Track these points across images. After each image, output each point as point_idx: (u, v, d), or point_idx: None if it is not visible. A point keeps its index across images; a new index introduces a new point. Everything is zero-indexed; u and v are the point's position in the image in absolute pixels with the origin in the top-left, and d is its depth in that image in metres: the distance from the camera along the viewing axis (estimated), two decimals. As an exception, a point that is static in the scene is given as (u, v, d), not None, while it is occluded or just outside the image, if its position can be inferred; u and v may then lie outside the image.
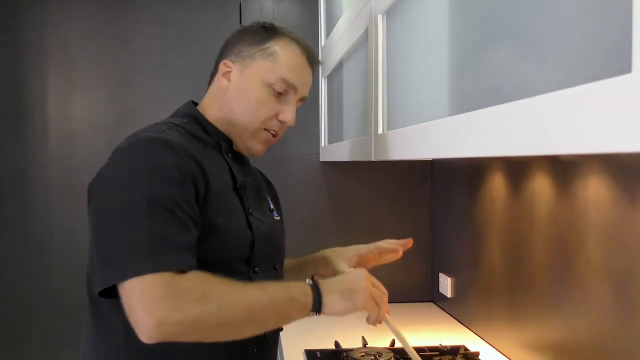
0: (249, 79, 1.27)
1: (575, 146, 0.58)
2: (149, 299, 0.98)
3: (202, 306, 1.00)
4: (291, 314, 1.11)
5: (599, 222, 1.31)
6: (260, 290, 1.07)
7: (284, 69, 1.27)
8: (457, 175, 2.27)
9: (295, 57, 1.29)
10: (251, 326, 1.07)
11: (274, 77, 1.26)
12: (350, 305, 1.15)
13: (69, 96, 2.52)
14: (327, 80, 2.45)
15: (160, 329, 0.98)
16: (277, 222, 1.39)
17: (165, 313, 0.98)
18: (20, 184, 2.49)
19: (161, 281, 0.99)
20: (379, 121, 1.47)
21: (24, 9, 2.48)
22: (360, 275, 1.20)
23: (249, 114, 1.27)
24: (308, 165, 2.58)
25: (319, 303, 1.12)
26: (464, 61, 0.97)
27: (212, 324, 1.02)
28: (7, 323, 2.49)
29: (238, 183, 1.24)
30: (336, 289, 1.15)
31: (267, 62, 1.27)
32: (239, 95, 1.28)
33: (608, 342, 1.28)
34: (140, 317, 0.98)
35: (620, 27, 0.54)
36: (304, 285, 1.13)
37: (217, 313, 1.02)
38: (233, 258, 1.19)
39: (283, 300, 1.09)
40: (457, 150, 0.92)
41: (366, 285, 1.18)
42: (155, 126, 1.21)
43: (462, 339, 1.96)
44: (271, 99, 1.27)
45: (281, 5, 2.58)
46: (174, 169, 1.08)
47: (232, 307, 1.03)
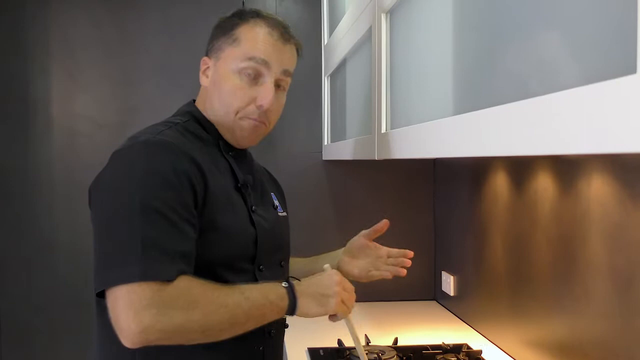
0: (221, 70, 1.25)
1: (579, 146, 0.58)
2: (135, 306, 1.00)
3: (187, 314, 1.03)
4: (268, 316, 1.14)
5: (601, 221, 1.31)
6: (241, 296, 1.09)
7: (248, 49, 1.23)
8: (460, 174, 2.27)
9: (260, 33, 1.24)
10: (231, 329, 1.10)
11: (241, 59, 1.23)
12: (322, 310, 1.19)
13: (72, 95, 2.52)
14: (330, 79, 2.45)
15: (143, 335, 1.00)
16: (282, 218, 1.39)
17: (151, 321, 0.99)
18: (24, 182, 2.50)
19: (148, 289, 1.01)
20: (382, 120, 1.47)
21: (28, 8, 2.48)
22: (333, 280, 1.22)
23: (225, 105, 1.25)
24: (311, 164, 2.59)
25: (294, 306, 1.16)
26: (467, 60, 0.97)
27: (195, 330, 1.04)
28: (11, 321, 2.50)
29: (240, 181, 1.24)
30: (310, 293, 1.18)
31: (234, 48, 1.24)
32: (215, 90, 1.26)
33: (610, 341, 1.29)
34: (124, 323, 1.00)
35: (625, 28, 0.54)
36: (280, 287, 1.16)
37: (201, 320, 1.04)
38: (237, 256, 1.20)
39: (262, 304, 1.12)
40: (460, 149, 0.92)
41: (338, 291, 1.21)
42: (155, 127, 1.21)
43: (465, 337, 1.96)
44: (244, 86, 1.23)
45: (284, 3, 2.58)
46: (169, 171, 1.09)
47: (215, 314, 1.06)
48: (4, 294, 2.49)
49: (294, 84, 1.36)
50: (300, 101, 2.56)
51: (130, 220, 1.05)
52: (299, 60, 1.33)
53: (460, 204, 2.26)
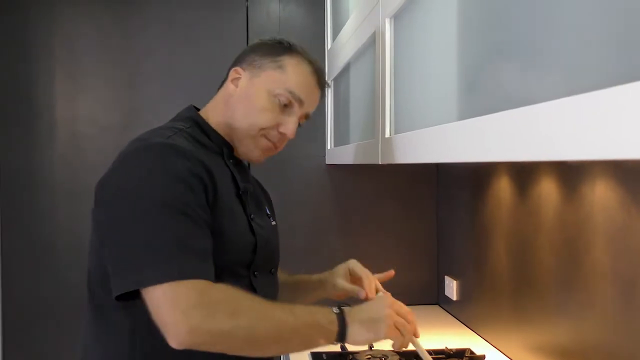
0: (256, 86, 1.28)
1: (583, 152, 0.58)
2: (182, 305, 1.00)
3: (234, 320, 1.03)
4: (316, 339, 1.12)
5: (605, 226, 1.31)
6: (289, 312, 1.09)
7: (291, 82, 1.28)
8: (463, 179, 2.27)
9: (305, 74, 1.31)
10: (276, 345, 1.09)
11: (280, 87, 1.27)
12: (372, 336, 1.16)
13: (75, 97, 2.53)
14: (333, 83, 2.46)
15: (191, 336, 1.00)
16: (274, 227, 1.40)
17: (198, 321, 1.00)
18: (27, 184, 2.50)
19: (193, 289, 1.01)
20: (386, 124, 1.47)
21: (32, 10, 2.49)
22: (384, 303, 1.20)
23: (250, 119, 1.27)
24: (314, 168, 2.59)
25: (344, 333, 1.13)
26: (471, 65, 0.97)
27: (240, 338, 1.04)
28: (13, 322, 2.50)
29: (240, 189, 1.26)
30: (360, 319, 1.15)
31: (276, 73, 1.28)
32: (244, 101, 1.28)
33: (614, 346, 1.28)
34: (171, 322, 1.00)
35: (630, 34, 0.54)
36: (331, 312, 1.14)
37: (247, 329, 1.04)
38: (235, 262, 1.21)
39: (310, 324, 1.11)
40: (464, 155, 0.93)
41: (389, 314, 1.18)
42: (160, 131, 1.21)
43: (468, 342, 1.96)
44: (275, 109, 1.28)
45: (288, 7, 2.59)
46: (186, 174, 1.09)
47: (262, 325, 1.06)
48: (8, 295, 2.49)
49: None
50: (303, 105, 2.56)
51: (157, 218, 1.05)
52: None
53: (463, 209, 2.26)
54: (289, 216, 2.53)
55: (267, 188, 1.53)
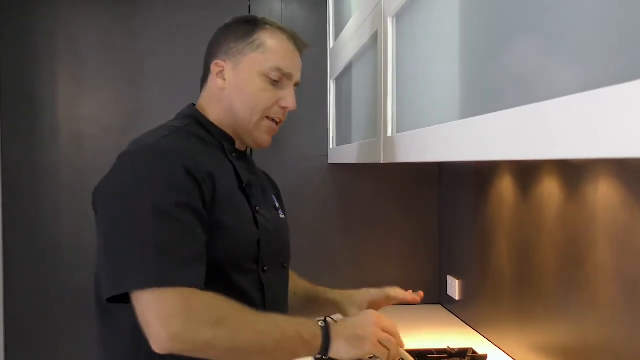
0: (243, 73, 1.28)
1: (586, 151, 0.58)
2: (164, 312, 1.01)
3: (215, 330, 1.03)
4: (298, 351, 1.12)
5: (608, 226, 1.30)
6: (272, 324, 1.10)
7: (276, 58, 1.28)
8: (465, 178, 2.27)
9: (283, 44, 1.30)
10: (258, 356, 1.10)
11: (267, 66, 1.27)
12: (356, 352, 1.15)
13: (78, 97, 2.53)
14: (335, 82, 2.45)
15: (172, 343, 1.01)
16: (283, 220, 1.41)
17: (179, 329, 1.01)
18: (30, 184, 2.50)
19: (177, 296, 1.02)
20: (388, 124, 1.47)
21: (35, 11, 2.50)
22: (369, 320, 1.18)
23: (250, 106, 1.28)
24: (316, 167, 2.59)
25: (327, 348, 1.13)
26: (473, 64, 0.97)
27: (222, 348, 1.05)
28: (17, 323, 2.50)
29: (244, 182, 1.26)
30: (345, 334, 1.15)
31: (258, 54, 1.28)
32: (237, 91, 1.28)
33: (617, 346, 1.28)
34: (153, 329, 1.01)
35: (631, 32, 0.54)
36: (315, 326, 1.14)
37: (229, 339, 1.05)
38: (242, 257, 1.21)
39: (293, 337, 1.11)
40: (466, 153, 0.92)
41: (374, 331, 1.16)
42: (158, 131, 1.22)
43: (470, 342, 1.96)
44: (269, 88, 1.28)
45: (290, 7, 2.58)
46: (179, 174, 1.10)
47: (244, 335, 1.06)
48: (10, 295, 2.50)
49: (300, 88, 1.38)
50: (306, 104, 2.55)
51: (145, 223, 1.06)
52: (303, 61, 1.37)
53: (465, 208, 2.26)
54: (291, 215, 2.50)
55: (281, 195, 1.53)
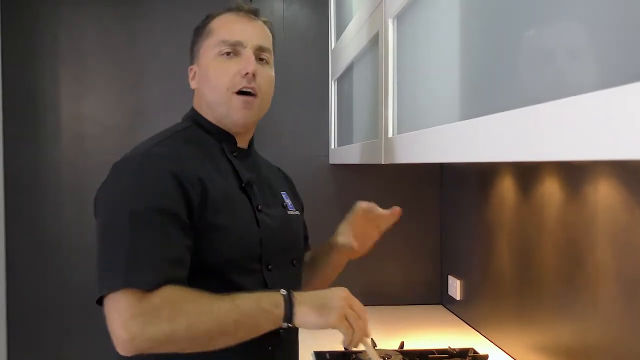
0: (203, 64, 1.31)
1: (587, 152, 0.58)
2: (122, 315, 1.04)
3: (172, 324, 1.04)
4: (262, 324, 1.12)
5: (609, 226, 1.31)
6: (230, 303, 1.09)
7: (220, 34, 1.29)
8: (466, 179, 2.27)
9: (227, 18, 1.32)
10: (222, 337, 1.09)
11: (215, 45, 1.28)
12: (322, 320, 1.14)
13: (80, 98, 2.54)
14: (337, 83, 2.46)
15: (133, 343, 1.03)
16: (294, 217, 1.40)
17: (137, 330, 1.03)
18: (32, 184, 2.51)
19: (131, 298, 1.04)
20: (389, 124, 1.47)
21: (37, 11, 2.50)
22: (339, 294, 1.18)
23: (214, 88, 1.28)
24: (317, 168, 2.59)
25: (291, 314, 1.12)
26: (474, 65, 0.97)
27: (182, 338, 1.06)
28: (20, 322, 2.51)
29: (243, 182, 1.26)
30: (310, 302, 1.14)
31: (208, 39, 1.30)
32: (203, 82, 1.31)
33: (617, 346, 1.28)
34: (115, 331, 1.04)
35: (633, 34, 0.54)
36: (277, 295, 1.13)
37: (187, 329, 1.05)
38: (243, 257, 1.21)
39: (253, 312, 1.11)
40: (467, 155, 0.93)
41: (342, 305, 1.16)
42: (156, 137, 1.26)
43: (471, 342, 1.96)
44: (225, 64, 1.28)
45: (291, 8, 2.59)
46: (164, 180, 1.12)
47: (202, 322, 1.07)
48: (13, 295, 2.50)
49: (301, 88, 1.38)
50: (307, 105, 2.56)
51: (119, 230, 1.09)
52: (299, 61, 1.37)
53: (466, 209, 2.26)
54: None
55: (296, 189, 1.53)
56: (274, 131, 2.52)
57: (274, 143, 2.54)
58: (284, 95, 2.53)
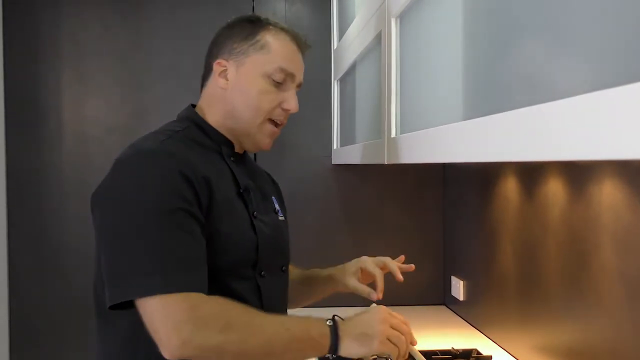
0: (247, 74, 1.26)
1: (590, 152, 0.58)
2: (172, 319, 1.02)
3: (224, 335, 1.04)
4: (307, 352, 1.13)
5: (613, 226, 1.30)
6: (280, 326, 1.10)
7: (279, 59, 1.27)
8: (469, 178, 2.27)
9: (287, 45, 1.29)
10: (268, 358, 1.10)
11: (271, 67, 1.26)
12: (365, 350, 1.15)
13: (83, 99, 2.54)
14: (339, 83, 2.45)
15: (182, 349, 1.02)
16: (282, 222, 1.39)
17: (189, 336, 1.01)
18: (35, 185, 2.51)
19: (185, 302, 1.03)
20: (392, 124, 1.47)
21: (39, 11, 2.50)
22: (378, 317, 1.18)
23: (252, 108, 1.26)
24: (320, 168, 2.59)
25: (336, 347, 1.13)
26: (477, 65, 0.97)
27: (231, 352, 1.05)
28: (21, 324, 2.51)
29: (241, 187, 1.25)
30: (353, 333, 1.14)
31: (262, 55, 1.26)
32: (240, 92, 1.27)
33: (622, 347, 1.28)
34: (163, 335, 1.02)
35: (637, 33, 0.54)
36: (324, 325, 1.13)
37: (237, 343, 1.05)
38: (239, 262, 1.20)
39: (302, 338, 1.11)
40: (470, 155, 0.92)
41: (383, 329, 1.16)
42: (156, 135, 1.21)
43: (475, 343, 1.96)
44: (272, 90, 1.26)
45: (294, 7, 2.59)
46: (176, 179, 1.10)
47: (252, 339, 1.06)
48: (15, 297, 2.51)
49: (304, 88, 1.38)
50: (310, 105, 2.55)
51: (148, 229, 1.06)
52: (306, 61, 1.37)
53: (470, 209, 2.25)
54: (295, 216, 2.51)
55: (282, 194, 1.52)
56: (276, 131, 2.52)
57: (276, 143, 2.52)
58: (286, 96, 2.52)
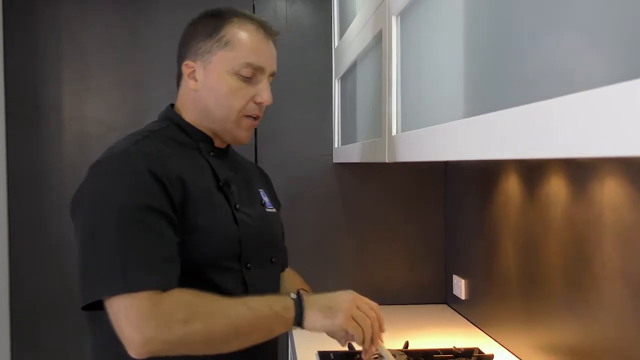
0: (214, 73, 1.26)
1: (592, 149, 0.57)
2: (135, 318, 1.03)
3: (188, 326, 1.04)
4: (274, 328, 1.14)
5: (615, 225, 1.30)
6: (244, 306, 1.10)
7: (245, 54, 1.25)
8: (471, 177, 2.26)
9: (253, 37, 1.27)
10: (237, 340, 1.10)
11: (238, 64, 1.25)
12: (329, 323, 1.16)
13: (83, 98, 2.54)
14: (340, 82, 2.45)
15: (148, 347, 1.03)
16: (272, 214, 1.39)
17: (152, 333, 1.02)
18: (35, 185, 2.51)
19: (145, 301, 1.03)
20: (392, 123, 1.47)
21: (39, 11, 2.50)
22: (347, 297, 1.20)
23: (225, 107, 1.26)
24: (321, 167, 2.58)
25: (300, 317, 1.14)
26: (478, 62, 0.97)
27: (198, 341, 1.06)
28: (21, 323, 2.51)
29: (221, 181, 1.25)
30: (318, 305, 1.16)
31: (227, 52, 1.25)
32: (211, 92, 1.27)
33: (624, 345, 1.27)
34: (128, 335, 1.03)
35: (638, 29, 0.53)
36: (287, 299, 1.15)
37: (203, 332, 1.06)
38: (222, 256, 1.21)
39: (266, 315, 1.12)
40: (471, 152, 0.92)
41: (348, 307, 1.17)
42: (131, 137, 1.24)
43: (476, 342, 1.95)
44: (242, 86, 1.26)
45: (294, 6, 2.58)
46: (144, 178, 1.11)
47: (217, 324, 1.07)
48: (16, 295, 2.51)
49: (305, 87, 1.38)
50: (311, 104, 2.55)
51: (111, 230, 1.07)
52: (303, 59, 1.36)
53: (471, 207, 2.25)
54: (296, 215, 2.52)
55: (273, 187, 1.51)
56: (277, 130, 2.52)
57: (277, 142, 2.53)
58: (287, 95, 2.52)
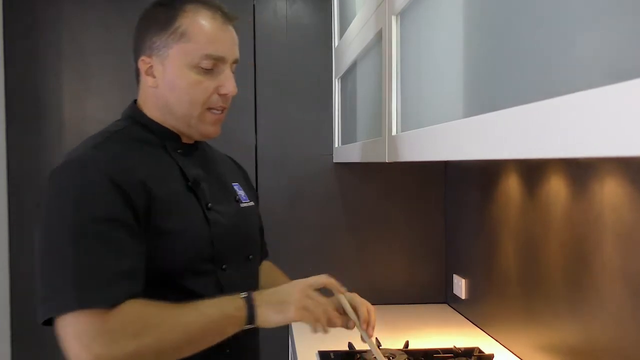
0: (172, 68, 1.19)
1: (592, 149, 0.57)
2: (83, 336, 1.00)
3: (138, 340, 1.02)
4: (226, 329, 1.12)
5: (615, 225, 1.30)
6: (195, 312, 1.09)
7: (203, 45, 1.18)
8: (471, 177, 2.26)
9: (209, 26, 1.19)
10: (189, 347, 1.09)
11: (196, 56, 1.18)
12: (281, 317, 1.14)
13: (83, 98, 2.53)
14: (340, 81, 2.45)
15: None
16: (247, 209, 1.34)
17: (101, 350, 1.00)
18: (35, 185, 2.51)
19: (93, 318, 1.00)
20: (392, 122, 1.47)
21: (40, 11, 2.50)
22: (294, 289, 1.17)
23: (186, 101, 1.20)
24: (321, 166, 2.58)
25: (252, 316, 1.12)
26: (478, 62, 0.97)
27: (150, 354, 1.04)
28: (22, 324, 2.51)
29: (190, 180, 1.20)
30: (269, 301, 1.14)
31: (183, 44, 1.18)
32: (171, 87, 1.20)
33: (624, 345, 1.27)
34: (74, 353, 1.01)
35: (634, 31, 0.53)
36: (238, 299, 1.13)
37: (154, 344, 1.04)
38: (195, 259, 1.17)
39: (218, 318, 1.10)
40: (472, 152, 0.92)
41: (298, 298, 1.15)
42: (91, 139, 1.18)
43: (477, 341, 1.95)
44: (202, 79, 1.19)
45: (294, 6, 2.58)
46: (103, 187, 1.07)
47: (168, 335, 1.05)
48: (17, 296, 2.51)
49: (305, 87, 1.37)
50: (311, 104, 2.55)
51: (64, 247, 1.04)
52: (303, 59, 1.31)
53: (471, 207, 2.25)
54: (296, 214, 2.53)
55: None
56: (277, 130, 2.52)
57: (277, 142, 2.53)
58: (287, 94, 2.53)
